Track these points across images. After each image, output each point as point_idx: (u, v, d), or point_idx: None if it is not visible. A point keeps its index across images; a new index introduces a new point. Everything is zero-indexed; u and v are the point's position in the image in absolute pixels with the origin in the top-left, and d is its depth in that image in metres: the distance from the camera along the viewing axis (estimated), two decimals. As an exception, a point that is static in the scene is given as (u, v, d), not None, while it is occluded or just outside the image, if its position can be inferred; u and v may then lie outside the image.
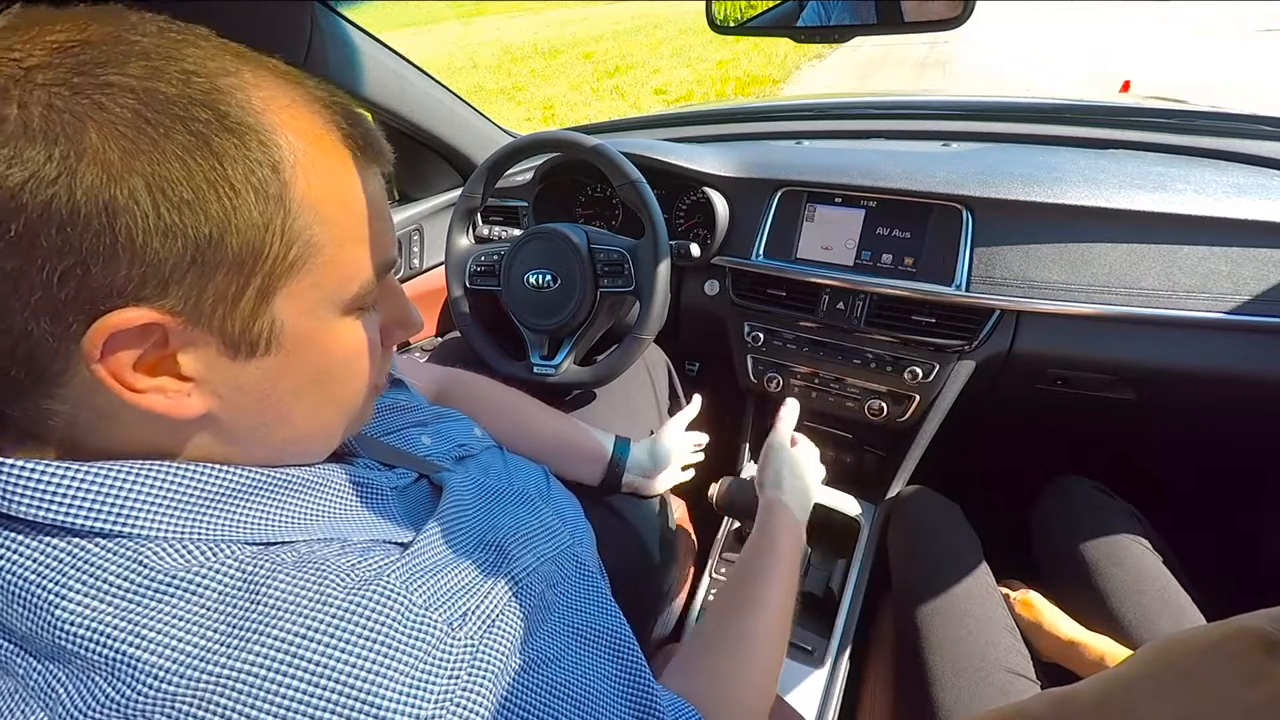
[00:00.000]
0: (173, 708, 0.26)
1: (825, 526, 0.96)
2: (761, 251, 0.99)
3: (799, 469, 0.72)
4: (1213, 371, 0.80)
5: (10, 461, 0.29)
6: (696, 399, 0.91)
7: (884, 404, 0.95)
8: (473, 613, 0.35)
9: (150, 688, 0.27)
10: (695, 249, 1.00)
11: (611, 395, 0.97)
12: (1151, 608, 0.70)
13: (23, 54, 0.26)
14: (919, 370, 0.91)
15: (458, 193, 0.98)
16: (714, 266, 1.04)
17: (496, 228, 1.11)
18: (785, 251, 0.98)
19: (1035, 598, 0.78)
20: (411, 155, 1.19)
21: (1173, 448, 1.12)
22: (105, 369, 0.28)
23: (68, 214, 0.25)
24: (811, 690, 0.80)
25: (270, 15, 0.83)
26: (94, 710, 0.27)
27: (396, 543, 0.39)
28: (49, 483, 0.29)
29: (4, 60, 0.25)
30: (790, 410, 0.80)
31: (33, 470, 0.29)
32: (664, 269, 0.85)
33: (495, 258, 0.94)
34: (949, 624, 0.71)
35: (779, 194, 0.99)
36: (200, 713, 0.26)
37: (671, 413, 1.06)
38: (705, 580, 0.93)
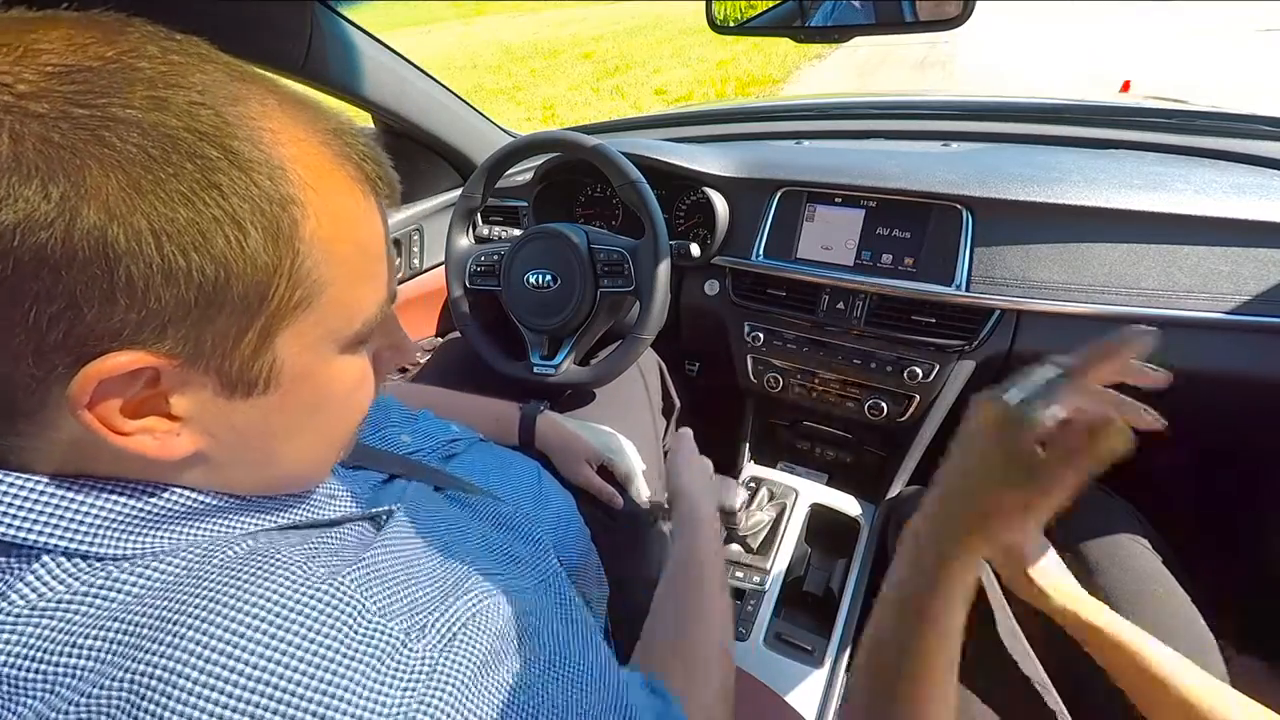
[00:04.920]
0: (105, 712, 0.24)
1: (825, 526, 0.96)
2: (761, 251, 0.99)
3: (703, 472, 0.71)
4: (1213, 371, 0.80)
5: None
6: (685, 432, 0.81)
7: (884, 404, 0.95)
8: (431, 626, 0.32)
9: (81, 694, 0.25)
10: (695, 249, 1.00)
11: (603, 395, 0.97)
12: (1151, 607, 0.70)
13: (12, 77, 0.23)
14: (919, 370, 0.91)
15: (458, 193, 0.98)
16: (714, 266, 1.04)
17: (496, 228, 1.11)
18: (785, 251, 0.98)
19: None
20: (411, 155, 1.19)
21: (1173, 447, 1.12)
22: (92, 414, 0.26)
23: (62, 257, 0.23)
24: (811, 690, 0.80)
25: (270, 15, 0.83)
26: None
27: (369, 516, 0.38)
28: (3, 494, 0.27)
29: None
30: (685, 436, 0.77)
31: None
32: (664, 269, 0.85)
33: (495, 258, 0.94)
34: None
35: (779, 194, 0.99)
36: (135, 713, 0.24)
37: (666, 413, 1.06)
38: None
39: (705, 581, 0.56)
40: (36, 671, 0.25)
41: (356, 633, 0.28)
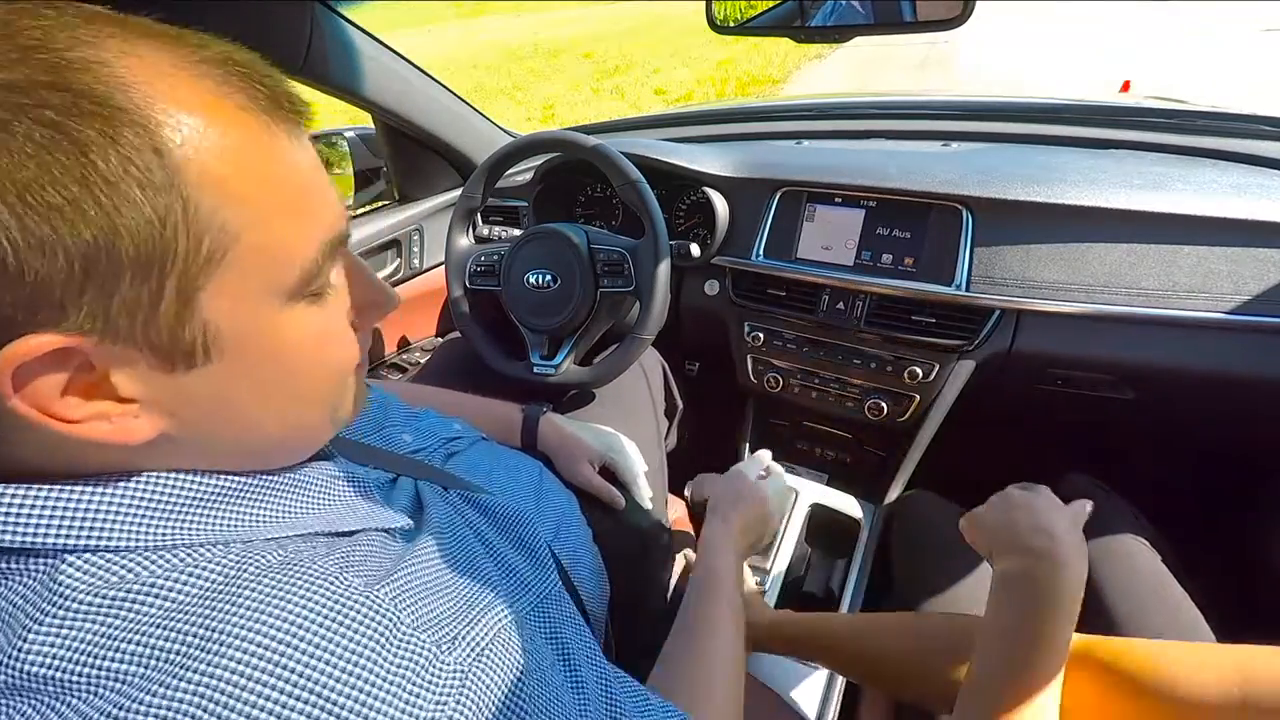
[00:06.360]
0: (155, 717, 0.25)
1: (825, 527, 0.96)
2: (761, 251, 0.99)
3: (758, 493, 0.70)
4: (1213, 371, 0.80)
5: None
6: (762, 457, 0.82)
7: (884, 404, 0.95)
8: (462, 639, 0.32)
9: (131, 699, 0.25)
10: (695, 249, 1.00)
11: (606, 395, 0.96)
12: (1147, 603, 0.70)
13: None
14: (919, 370, 0.91)
15: (458, 193, 0.98)
16: (714, 266, 1.04)
17: (496, 228, 1.11)
18: (785, 251, 0.98)
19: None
20: (411, 155, 1.19)
21: (1173, 447, 1.12)
22: (25, 403, 0.25)
23: None
24: (811, 690, 0.80)
25: (270, 15, 0.83)
26: None
27: (387, 529, 0.38)
28: (9, 504, 0.26)
29: None
30: (763, 454, 0.81)
31: None
32: (664, 269, 0.85)
33: (495, 258, 0.94)
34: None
35: (779, 194, 0.99)
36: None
37: (669, 414, 1.06)
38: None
39: (717, 599, 0.57)
40: (78, 674, 0.25)
41: (392, 645, 0.28)
